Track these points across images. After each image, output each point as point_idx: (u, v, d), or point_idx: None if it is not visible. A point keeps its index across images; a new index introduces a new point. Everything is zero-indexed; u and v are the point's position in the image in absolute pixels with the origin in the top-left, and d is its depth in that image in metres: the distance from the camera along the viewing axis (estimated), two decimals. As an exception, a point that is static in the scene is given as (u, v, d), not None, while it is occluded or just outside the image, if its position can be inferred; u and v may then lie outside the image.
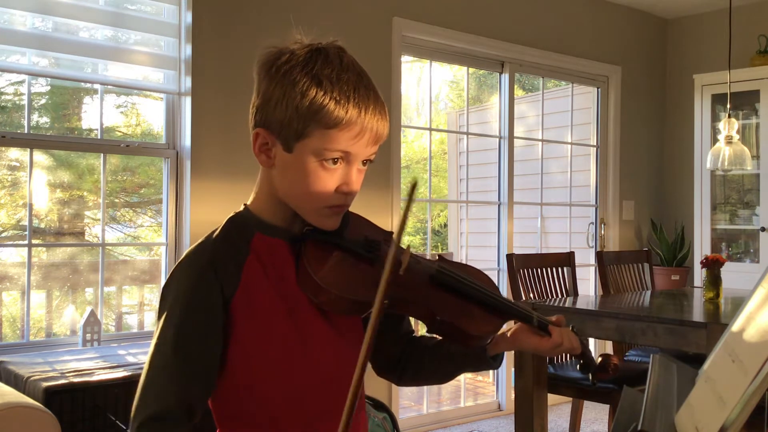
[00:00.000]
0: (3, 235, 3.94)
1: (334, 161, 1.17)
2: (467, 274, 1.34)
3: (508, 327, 1.36)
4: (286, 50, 1.19)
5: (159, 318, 1.17)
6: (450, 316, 1.24)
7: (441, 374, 1.41)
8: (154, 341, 1.15)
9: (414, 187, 1.04)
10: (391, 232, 1.33)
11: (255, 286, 1.18)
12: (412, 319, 1.41)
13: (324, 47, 1.20)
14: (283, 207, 1.23)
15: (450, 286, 1.28)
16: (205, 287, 1.15)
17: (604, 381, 3.54)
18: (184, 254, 1.21)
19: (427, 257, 1.38)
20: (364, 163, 1.22)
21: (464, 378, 5.01)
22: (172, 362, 1.12)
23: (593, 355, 1.37)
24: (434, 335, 1.36)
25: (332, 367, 1.22)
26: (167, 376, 1.12)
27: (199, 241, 1.23)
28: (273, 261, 1.21)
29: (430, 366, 1.38)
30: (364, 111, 1.16)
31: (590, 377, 1.36)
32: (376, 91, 1.20)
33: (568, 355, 3.74)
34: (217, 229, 1.24)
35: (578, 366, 1.39)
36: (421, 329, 1.49)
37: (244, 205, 1.27)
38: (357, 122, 1.15)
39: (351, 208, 1.30)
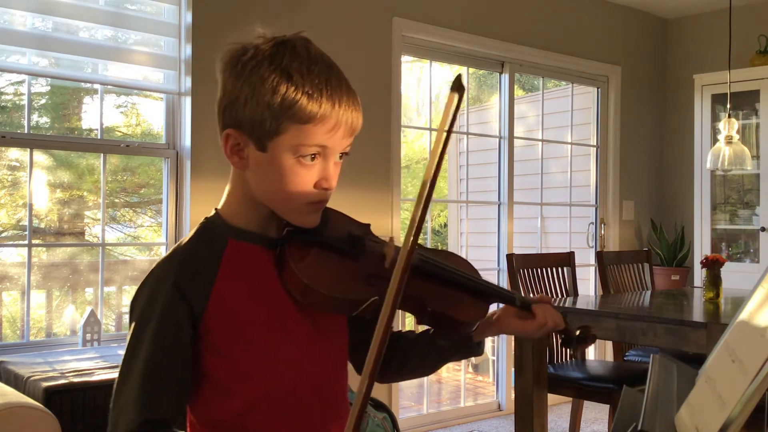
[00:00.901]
0: (3, 235, 3.94)
1: (312, 157, 1.14)
2: (447, 260, 1.32)
3: (492, 312, 1.35)
4: (249, 45, 1.15)
5: (129, 332, 1.13)
6: (440, 305, 1.23)
7: (426, 366, 1.39)
8: (124, 358, 1.12)
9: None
10: (368, 225, 1.31)
11: (230, 297, 1.14)
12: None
13: (289, 40, 1.15)
14: (258, 209, 1.19)
15: (435, 275, 1.26)
16: (171, 308, 1.11)
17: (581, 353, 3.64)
18: (152, 268, 1.16)
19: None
20: (340, 157, 1.19)
21: (464, 378, 5.01)
22: (142, 382, 1.08)
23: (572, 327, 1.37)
24: (407, 329, 1.36)
25: (316, 371, 1.20)
26: (138, 396, 1.08)
27: (167, 254, 1.18)
28: (250, 268, 1.17)
29: (414, 359, 1.36)
30: (338, 103, 1.13)
31: (573, 350, 1.38)
32: (347, 82, 1.16)
33: (568, 355, 3.74)
34: (185, 240, 1.20)
35: (561, 341, 1.39)
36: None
37: (216, 209, 1.22)
38: (332, 115, 1.12)
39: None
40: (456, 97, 0.98)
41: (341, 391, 1.27)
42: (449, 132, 0.97)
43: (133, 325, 1.12)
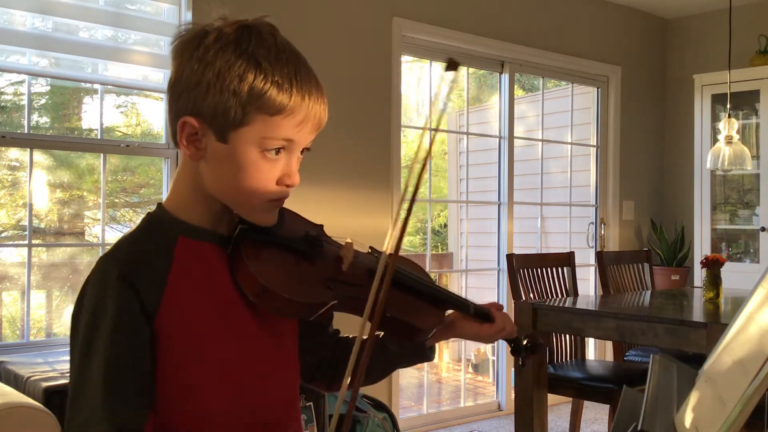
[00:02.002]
0: (3, 235, 3.94)
1: (276, 151, 1.06)
2: (404, 266, 1.27)
3: (446, 315, 1.32)
4: (211, 28, 1.08)
5: (73, 341, 1.02)
6: (398, 311, 1.17)
7: (377, 372, 1.32)
8: (74, 368, 1.01)
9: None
10: (321, 225, 1.25)
11: (182, 299, 1.05)
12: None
13: (254, 24, 1.09)
14: (209, 205, 1.10)
15: (395, 281, 1.20)
16: (124, 302, 1.01)
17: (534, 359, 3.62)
18: (94, 267, 1.05)
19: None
20: (302, 153, 1.11)
21: (464, 378, 5.01)
22: (106, 388, 0.98)
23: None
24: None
25: (270, 374, 1.14)
26: (104, 403, 0.98)
27: (109, 250, 1.08)
28: (201, 267, 1.08)
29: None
30: (308, 96, 1.06)
31: (521, 360, 1.37)
32: (314, 74, 1.09)
33: (568, 355, 3.74)
34: (127, 235, 1.10)
35: (510, 349, 1.37)
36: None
37: (159, 204, 1.13)
38: (301, 108, 1.05)
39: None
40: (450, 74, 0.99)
41: (292, 400, 1.21)
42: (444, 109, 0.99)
43: (82, 327, 1.01)
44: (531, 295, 3.72)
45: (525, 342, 1.34)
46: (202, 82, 1.04)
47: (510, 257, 3.75)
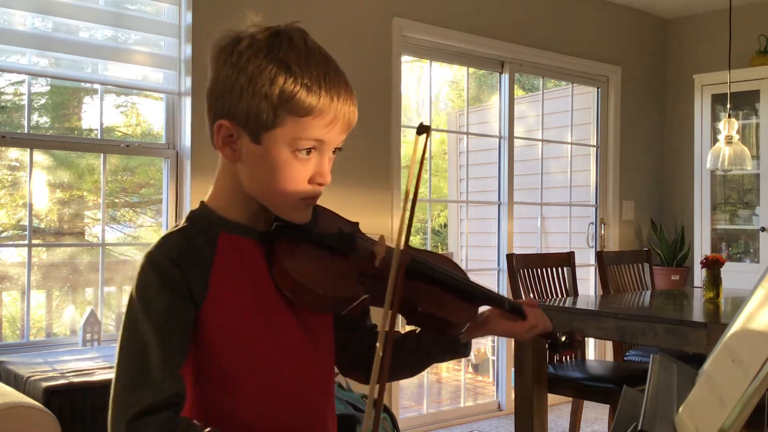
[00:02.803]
0: (3, 235, 3.94)
1: (308, 151, 1.11)
2: (438, 263, 1.31)
3: (480, 313, 1.35)
4: (244, 34, 1.13)
5: (127, 318, 1.07)
6: (430, 306, 1.21)
7: (412, 366, 1.36)
8: (126, 338, 1.06)
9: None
10: (357, 223, 1.29)
11: (225, 291, 1.10)
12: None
13: (285, 30, 1.13)
14: (248, 203, 1.15)
15: (426, 276, 1.25)
16: (175, 279, 1.07)
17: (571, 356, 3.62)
18: (145, 256, 1.10)
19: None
20: (333, 152, 1.16)
21: (464, 378, 5.01)
22: (156, 354, 1.03)
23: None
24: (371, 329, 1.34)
25: (305, 366, 1.18)
26: (155, 368, 1.03)
27: (159, 241, 1.12)
28: (242, 262, 1.13)
29: (401, 359, 1.32)
30: (336, 97, 1.10)
31: (558, 355, 1.41)
32: (344, 76, 1.14)
33: (568, 355, 3.74)
34: (174, 229, 1.15)
35: (547, 345, 1.39)
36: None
37: (202, 202, 1.19)
38: (330, 109, 1.10)
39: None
40: (423, 138, 1.05)
41: (327, 394, 1.24)
42: (420, 168, 1.05)
43: (136, 307, 1.06)
44: (531, 295, 3.72)
45: (563, 339, 1.36)
46: (236, 86, 1.09)
47: (510, 257, 3.75)
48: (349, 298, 1.14)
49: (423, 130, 1.07)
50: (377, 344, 1.04)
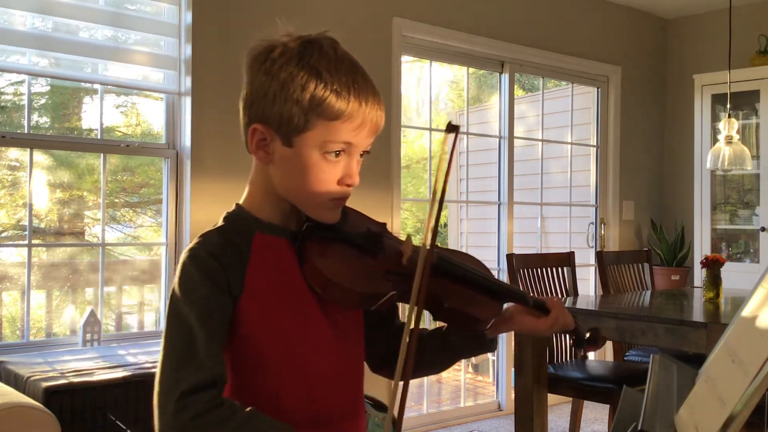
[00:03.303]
0: (3, 235, 3.94)
1: (336, 153, 1.17)
2: (464, 261, 1.36)
3: (505, 309, 1.39)
4: (277, 43, 1.18)
5: (170, 309, 1.13)
6: (457, 302, 1.26)
7: (441, 363, 1.42)
8: (170, 327, 1.12)
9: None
10: (384, 224, 1.36)
11: (260, 287, 1.16)
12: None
13: (316, 39, 1.19)
14: (280, 204, 1.21)
15: (452, 274, 1.30)
16: (215, 273, 1.13)
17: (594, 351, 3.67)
18: (186, 251, 1.17)
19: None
20: (361, 155, 1.22)
21: (464, 378, 5.01)
22: (200, 337, 1.09)
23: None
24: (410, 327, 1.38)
25: (336, 359, 1.23)
26: (200, 350, 1.09)
27: (199, 238, 1.19)
28: (275, 260, 1.19)
29: (429, 356, 1.38)
30: (364, 102, 1.17)
31: (583, 351, 1.43)
32: (372, 82, 1.20)
33: (568, 355, 3.74)
34: (212, 228, 1.21)
35: (572, 341, 1.44)
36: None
37: (237, 204, 1.25)
38: (358, 114, 1.16)
39: (354, 207, 1.32)
40: (452, 136, 1.11)
41: (357, 390, 1.30)
42: (449, 164, 1.09)
43: (177, 296, 1.12)
44: (531, 295, 3.71)
45: (587, 335, 1.39)
46: (269, 92, 1.15)
47: (510, 257, 3.75)
48: (377, 295, 1.19)
49: (452, 128, 1.13)
50: (404, 339, 1.09)
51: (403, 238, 1.27)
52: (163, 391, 1.07)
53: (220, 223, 1.22)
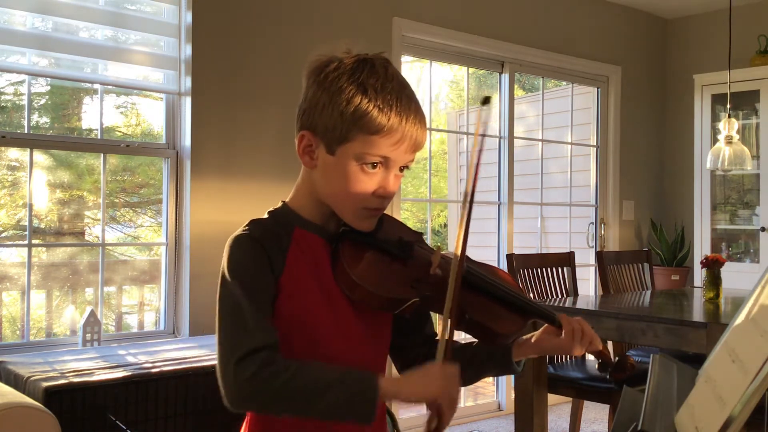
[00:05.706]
0: (3, 235, 3.94)
1: (374, 165, 1.24)
2: (492, 275, 1.40)
3: (532, 333, 1.41)
4: (335, 59, 1.27)
5: (221, 290, 1.22)
6: (478, 314, 1.30)
7: (465, 376, 1.42)
8: (222, 305, 1.21)
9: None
10: (421, 233, 1.41)
11: (298, 272, 1.24)
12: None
13: (371, 58, 1.28)
14: (321, 206, 1.29)
15: (478, 287, 1.34)
16: (259, 253, 1.22)
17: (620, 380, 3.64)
18: (231, 240, 1.25)
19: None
20: (401, 169, 1.28)
21: (464, 378, 5.01)
22: (249, 310, 1.18)
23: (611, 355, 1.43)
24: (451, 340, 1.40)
25: (361, 357, 1.28)
26: (250, 321, 1.17)
27: (244, 227, 1.27)
28: (311, 254, 1.27)
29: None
30: (405, 119, 1.23)
31: (608, 375, 1.43)
32: (417, 102, 1.27)
33: (568, 355, 3.74)
34: (255, 220, 1.29)
35: (597, 365, 1.45)
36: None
37: (282, 201, 1.33)
38: (398, 129, 1.22)
39: None
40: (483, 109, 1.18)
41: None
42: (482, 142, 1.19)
43: (225, 277, 1.21)
44: (531, 295, 3.71)
45: (616, 360, 1.41)
46: (319, 103, 1.24)
47: (510, 257, 3.75)
48: (400, 300, 1.25)
49: (486, 101, 1.24)
50: (437, 344, 1.17)
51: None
52: (222, 362, 1.16)
53: (264, 217, 1.31)
